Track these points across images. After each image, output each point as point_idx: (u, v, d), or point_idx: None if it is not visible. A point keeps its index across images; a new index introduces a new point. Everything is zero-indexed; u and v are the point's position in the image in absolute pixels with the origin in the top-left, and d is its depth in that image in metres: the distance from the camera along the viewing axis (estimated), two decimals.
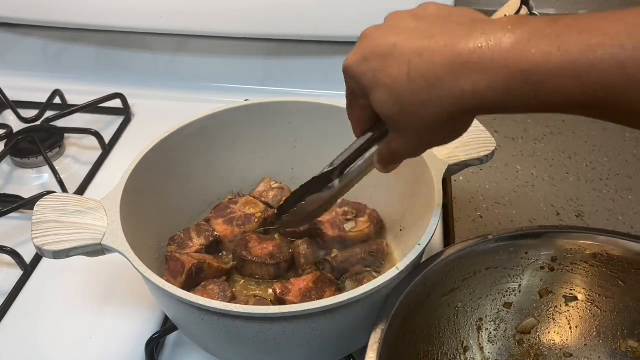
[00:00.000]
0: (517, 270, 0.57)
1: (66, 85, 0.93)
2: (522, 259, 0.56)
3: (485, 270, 0.56)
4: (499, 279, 0.57)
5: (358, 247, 0.63)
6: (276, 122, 0.69)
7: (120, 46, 0.95)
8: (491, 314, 0.57)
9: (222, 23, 0.88)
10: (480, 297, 0.57)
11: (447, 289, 0.55)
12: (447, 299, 0.55)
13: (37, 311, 0.65)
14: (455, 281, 0.55)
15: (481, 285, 0.56)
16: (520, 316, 0.58)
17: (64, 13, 0.90)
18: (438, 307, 0.55)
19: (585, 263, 0.56)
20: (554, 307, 0.58)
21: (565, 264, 0.56)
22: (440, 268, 0.54)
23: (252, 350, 0.53)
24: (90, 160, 0.83)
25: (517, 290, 0.57)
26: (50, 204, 0.55)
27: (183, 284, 0.58)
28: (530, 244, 0.56)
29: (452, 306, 0.56)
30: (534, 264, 0.57)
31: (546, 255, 0.56)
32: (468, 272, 0.56)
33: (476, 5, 0.99)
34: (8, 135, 0.84)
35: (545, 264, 0.57)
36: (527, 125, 0.89)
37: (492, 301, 0.57)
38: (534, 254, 0.56)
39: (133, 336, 0.61)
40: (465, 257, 0.55)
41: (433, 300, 0.54)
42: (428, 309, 0.54)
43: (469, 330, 0.57)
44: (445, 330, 0.55)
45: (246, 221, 0.65)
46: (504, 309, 0.57)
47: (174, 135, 0.64)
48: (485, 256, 0.56)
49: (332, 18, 0.85)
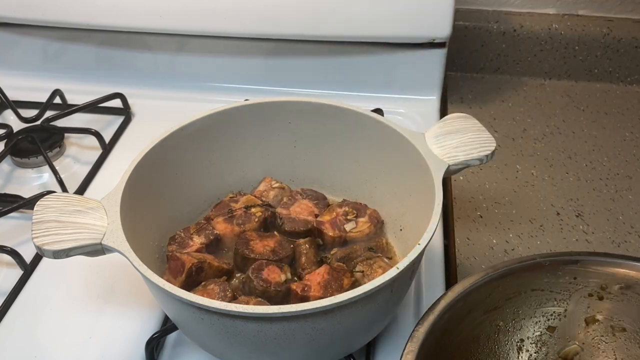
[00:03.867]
0: (563, 294, 0.55)
1: (66, 85, 0.93)
2: (570, 283, 0.55)
3: (530, 291, 0.55)
4: (544, 301, 0.55)
5: (357, 245, 0.63)
6: (276, 122, 0.69)
7: (120, 46, 0.95)
8: (533, 336, 0.56)
9: (222, 23, 0.88)
10: (524, 318, 0.55)
11: (490, 306, 0.54)
12: (489, 316, 0.54)
13: (37, 311, 0.65)
14: (499, 300, 0.54)
15: (525, 306, 0.55)
16: (563, 341, 0.56)
17: (64, 13, 0.90)
18: (479, 325, 0.54)
19: (637, 294, 0.54)
20: (599, 336, 0.56)
21: (615, 292, 0.55)
22: (484, 285, 0.52)
23: (252, 350, 0.53)
24: (90, 160, 0.83)
25: (562, 315, 0.56)
26: (50, 204, 0.55)
27: (183, 284, 0.58)
28: (579, 269, 0.54)
29: (494, 324, 0.54)
30: (582, 290, 0.55)
31: (595, 282, 0.55)
32: (512, 292, 0.54)
33: (476, 5, 0.99)
34: (8, 135, 0.84)
35: (594, 291, 0.55)
36: (527, 125, 0.89)
37: (535, 323, 0.56)
38: (582, 280, 0.55)
39: (133, 336, 0.61)
40: (511, 276, 0.53)
41: (474, 316, 0.53)
42: (468, 325, 0.53)
43: (509, 350, 0.55)
44: (484, 347, 0.54)
45: (246, 220, 0.65)
46: (546, 332, 0.56)
47: (174, 135, 0.64)
48: (532, 277, 0.54)
49: (332, 18, 0.86)
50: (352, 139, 0.68)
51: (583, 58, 0.97)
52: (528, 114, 0.92)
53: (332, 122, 0.68)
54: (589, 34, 0.96)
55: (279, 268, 0.59)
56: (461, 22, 0.97)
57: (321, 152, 0.70)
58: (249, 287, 0.58)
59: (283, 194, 0.69)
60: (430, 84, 0.92)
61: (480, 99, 0.96)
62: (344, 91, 0.91)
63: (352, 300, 0.48)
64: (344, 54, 0.90)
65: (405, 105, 0.91)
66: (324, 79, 0.93)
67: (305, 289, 0.57)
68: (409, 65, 0.90)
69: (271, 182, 0.70)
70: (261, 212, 0.66)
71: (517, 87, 0.98)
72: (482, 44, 0.99)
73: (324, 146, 0.70)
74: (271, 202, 0.68)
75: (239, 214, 0.65)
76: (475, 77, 1.01)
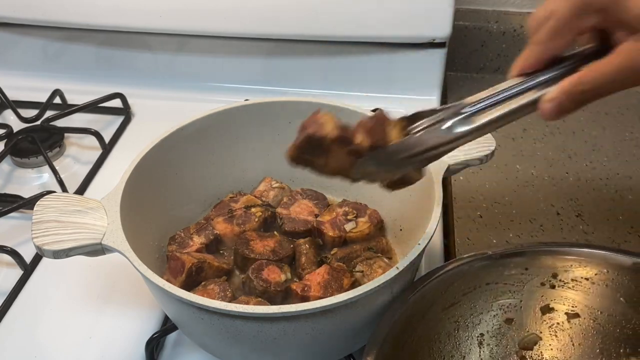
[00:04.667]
0: (517, 286, 0.56)
1: (66, 85, 0.93)
2: (522, 274, 0.56)
3: (485, 285, 0.56)
4: (499, 294, 0.56)
5: (357, 245, 0.63)
6: (276, 122, 0.69)
7: (120, 46, 0.95)
8: (492, 329, 0.57)
9: (222, 23, 0.88)
10: (481, 312, 0.56)
11: (447, 303, 0.55)
12: (447, 313, 0.55)
13: (37, 311, 0.65)
14: (456, 295, 0.55)
15: (482, 300, 0.56)
16: (522, 332, 0.57)
17: (64, 13, 0.90)
18: (438, 322, 0.54)
19: (586, 280, 0.56)
20: (555, 323, 0.57)
21: (566, 280, 0.56)
22: (440, 282, 0.53)
23: (252, 350, 0.53)
24: (90, 160, 0.83)
25: (518, 306, 0.57)
26: (50, 204, 0.55)
27: (183, 284, 0.58)
28: (529, 260, 0.56)
29: (453, 320, 0.55)
30: (534, 280, 0.56)
31: (546, 271, 0.56)
32: (468, 287, 0.55)
33: (476, 5, 0.99)
34: (8, 135, 0.84)
35: (546, 281, 0.56)
36: (527, 125, 0.89)
37: (493, 316, 0.57)
38: (533, 270, 0.56)
39: (133, 336, 0.61)
40: (465, 272, 0.55)
41: (433, 314, 0.54)
42: (427, 323, 0.53)
43: (470, 346, 0.56)
44: (445, 344, 0.55)
45: (246, 220, 0.65)
46: (505, 324, 0.57)
47: (174, 134, 0.64)
48: (485, 271, 0.56)
49: (332, 18, 0.86)
50: None
51: None
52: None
53: None
54: None
55: (278, 268, 0.59)
56: (461, 22, 0.97)
57: None
58: (249, 287, 0.58)
59: (283, 194, 0.69)
60: (430, 84, 0.92)
61: None
62: (344, 91, 0.91)
63: (352, 300, 0.48)
64: (344, 54, 0.90)
65: (405, 105, 0.90)
66: (324, 79, 0.93)
67: (305, 289, 0.57)
68: (409, 65, 0.90)
69: (271, 182, 0.70)
70: (261, 212, 0.66)
71: None
72: (482, 44, 0.99)
73: None
74: (271, 202, 0.68)
75: (239, 214, 0.65)
76: (475, 77, 1.01)
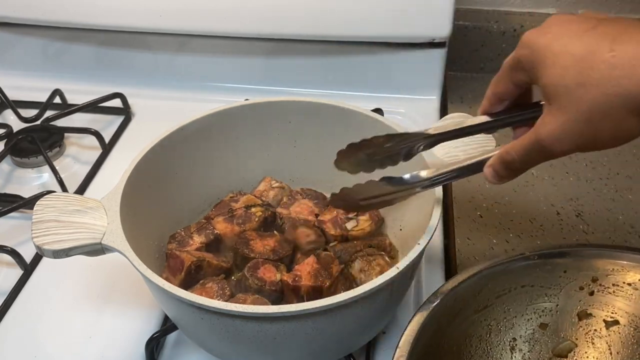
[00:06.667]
0: (554, 289, 0.54)
1: (66, 84, 0.93)
2: (560, 277, 0.53)
3: (520, 287, 0.53)
4: (534, 297, 0.54)
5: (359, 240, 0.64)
6: (276, 122, 0.69)
7: (120, 46, 0.95)
8: (526, 334, 0.55)
9: (222, 23, 0.88)
10: (515, 316, 0.54)
11: (480, 305, 0.52)
12: (480, 316, 0.53)
13: (37, 311, 0.65)
14: (489, 298, 0.53)
15: (516, 304, 0.54)
16: (556, 338, 0.55)
17: (64, 13, 0.90)
18: (470, 325, 0.52)
19: (628, 285, 0.53)
20: (593, 330, 0.54)
21: (607, 285, 0.53)
22: (473, 283, 0.51)
23: (251, 350, 0.53)
24: (90, 160, 0.83)
25: (554, 311, 0.54)
26: (50, 204, 0.55)
27: (182, 282, 0.58)
28: (569, 262, 0.53)
29: (485, 324, 0.53)
30: (572, 283, 0.53)
31: (586, 275, 0.53)
32: (502, 289, 0.53)
33: (476, 5, 0.99)
34: (8, 135, 0.84)
35: (585, 285, 0.53)
36: None
37: (527, 321, 0.54)
38: (572, 273, 0.53)
39: (133, 336, 0.61)
40: (500, 273, 0.52)
41: (464, 317, 0.52)
42: (459, 326, 0.51)
43: (502, 350, 0.54)
44: (476, 349, 0.53)
45: (246, 219, 0.65)
46: (539, 329, 0.54)
47: (174, 134, 0.64)
48: (521, 273, 0.53)
49: (332, 18, 0.85)
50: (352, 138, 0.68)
51: None
52: None
53: (332, 122, 0.67)
54: None
55: (274, 267, 0.59)
56: (461, 22, 0.97)
57: (321, 152, 0.70)
58: (244, 285, 0.58)
59: (283, 193, 0.69)
60: (430, 84, 0.92)
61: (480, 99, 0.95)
62: (344, 91, 0.91)
63: (352, 300, 0.48)
64: (344, 54, 0.90)
65: (405, 105, 0.91)
66: (324, 79, 0.93)
67: (296, 279, 0.57)
68: (409, 65, 0.90)
69: (271, 182, 0.70)
70: (261, 212, 0.66)
71: None
72: (482, 44, 0.99)
73: (324, 146, 0.69)
74: (271, 202, 0.68)
75: (239, 213, 0.65)
76: (475, 77, 1.01)
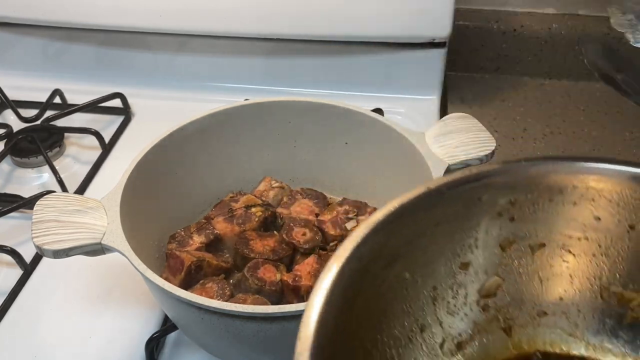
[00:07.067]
0: (471, 222, 0.45)
1: (66, 84, 0.93)
2: (475, 207, 0.45)
3: (433, 227, 0.45)
4: (450, 235, 0.45)
5: None
6: (276, 121, 0.69)
7: (120, 46, 0.95)
8: (447, 280, 0.46)
9: (222, 23, 0.88)
10: (432, 262, 0.45)
11: (389, 258, 0.43)
12: (391, 270, 0.43)
13: (37, 311, 0.64)
14: (398, 248, 0.43)
15: (431, 248, 0.45)
16: (481, 277, 0.47)
17: (64, 13, 0.90)
18: (380, 284, 0.43)
19: (550, 201, 0.46)
20: (518, 259, 0.47)
21: (527, 205, 0.46)
22: (375, 234, 0.41)
23: (252, 350, 0.53)
24: (90, 160, 0.83)
25: (474, 246, 0.46)
26: (50, 204, 0.55)
27: (182, 282, 0.58)
28: (482, 186, 0.45)
29: (399, 278, 0.44)
30: (489, 211, 0.45)
31: (503, 198, 0.45)
32: (412, 234, 0.44)
33: (476, 5, 0.99)
34: (8, 135, 0.84)
35: (503, 210, 0.46)
36: (527, 125, 0.89)
37: (446, 264, 0.46)
38: (488, 200, 0.45)
39: (133, 336, 0.61)
40: (407, 216, 0.43)
41: (373, 276, 0.42)
42: (368, 290, 0.42)
43: (423, 305, 0.45)
44: (393, 310, 0.44)
45: (247, 219, 0.65)
46: (461, 271, 0.46)
47: (174, 134, 0.64)
48: (431, 211, 0.44)
49: (332, 18, 0.85)
50: (353, 138, 0.68)
51: (583, 58, 0.97)
52: (528, 114, 0.92)
53: (333, 122, 0.67)
54: (589, 34, 0.95)
55: (274, 267, 0.59)
56: (461, 22, 0.97)
57: (321, 152, 0.70)
58: (244, 285, 0.58)
59: (283, 193, 0.69)
60: (430, 84, 0.92)
61: (480, 99, 0.96)
62: (344, 91, 0.91)
63: None
64: (344, 54, 0.90)
65: (405, 105, 0.91)
66: (324, 79, 0.93)
67: (296, 279, 0.57)
68: (409, 65, 0.90)
69: (271, 182, 0.70)
70: (261, 212, 0.66)
71: (517, 87, 0.98)
72: (482, 44, 0.99)
73: (324, 145, 0.70)
74: (271, 202, 0.68)
75: (239, 213, 0.65)
76: (475, 77, 1.01)
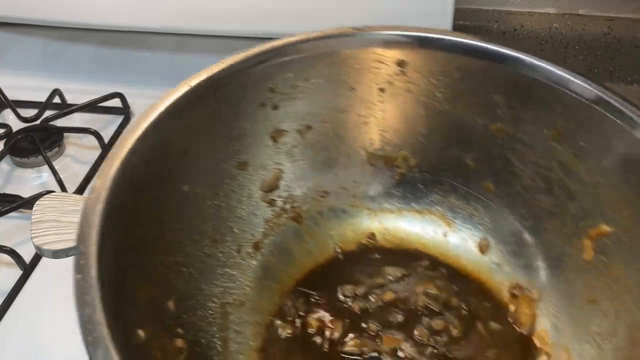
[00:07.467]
0: (240, 118, 0.43)
1: (65, 84, 0.93)
2: (239, 100, 0.43)
3: (202, 134, 0.42)
4: (218, 135, 0.42)
5: None
6: None
7: (120, 46, 0.95)
8: (229, 184, 0.44)
9: (222, 23, 0.88)
10: (206, 168, 0.42)
11: (161, 175, 0.40)
12: (165, 188, 0.40)
13: (36, 311, 0.64)
14: (167, 160, 0.40)
15: (202, 152, 0.42)
16: (261, 173, 0.45)
17: (64, 13, 0.90)
18: (159, 204, 0.39)
19: (304, 81, 0.44)
20: (291, 147, 0.46)
21: (286, 89, 0.43)
22: (140, 147, 0.37)
23: None
24: (89, 160, 0.83)
25: (246, 143, 0.44)
26: (49, 204, 0.54)
27: None
28: (240, 79, 0.42)
29: (176, 194, 0.40)
30: (252, 101, 0.43)
31: (262, 87, 0.43)
32: (178, 146, 0.41)
33: (476, 5, 0.99)
34: (7, 135, 0.84)
35: (266, 100, 0.43)
36: None
37: (224, 168, 0.43)
38: (249, 90, 0.43)
39: None
40: (160, 125, 0.40)
41: (145, 201, 0.38)
42: (145, 212, 0.38)
43: (209, 215, 0.43)
44: (181, 227, 0.41)
45: None
46: (239, 171, 0.44)
47: None
48: (188, 116, 0.41)
49: (332, 17, 0.85)
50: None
51: (583, 57, 0.97)
52: None
53: None
54: (590, 34, 0.95)
55: None
56: (461, 22, 0.97)
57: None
58: None
59: None
60: None
61: None
62: None
63: None
64: None
65: None
66: None
67: None
68: None
69: None
70: None
71: None
72: None
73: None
74: None
75: None
76: None
